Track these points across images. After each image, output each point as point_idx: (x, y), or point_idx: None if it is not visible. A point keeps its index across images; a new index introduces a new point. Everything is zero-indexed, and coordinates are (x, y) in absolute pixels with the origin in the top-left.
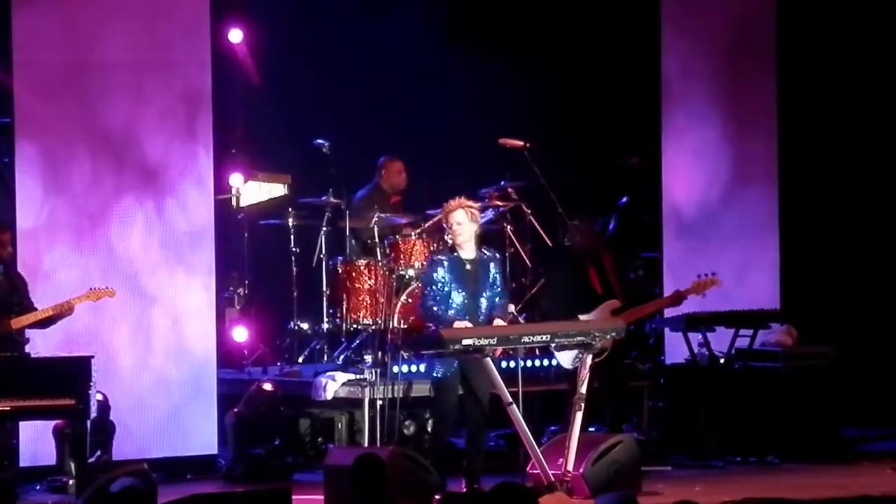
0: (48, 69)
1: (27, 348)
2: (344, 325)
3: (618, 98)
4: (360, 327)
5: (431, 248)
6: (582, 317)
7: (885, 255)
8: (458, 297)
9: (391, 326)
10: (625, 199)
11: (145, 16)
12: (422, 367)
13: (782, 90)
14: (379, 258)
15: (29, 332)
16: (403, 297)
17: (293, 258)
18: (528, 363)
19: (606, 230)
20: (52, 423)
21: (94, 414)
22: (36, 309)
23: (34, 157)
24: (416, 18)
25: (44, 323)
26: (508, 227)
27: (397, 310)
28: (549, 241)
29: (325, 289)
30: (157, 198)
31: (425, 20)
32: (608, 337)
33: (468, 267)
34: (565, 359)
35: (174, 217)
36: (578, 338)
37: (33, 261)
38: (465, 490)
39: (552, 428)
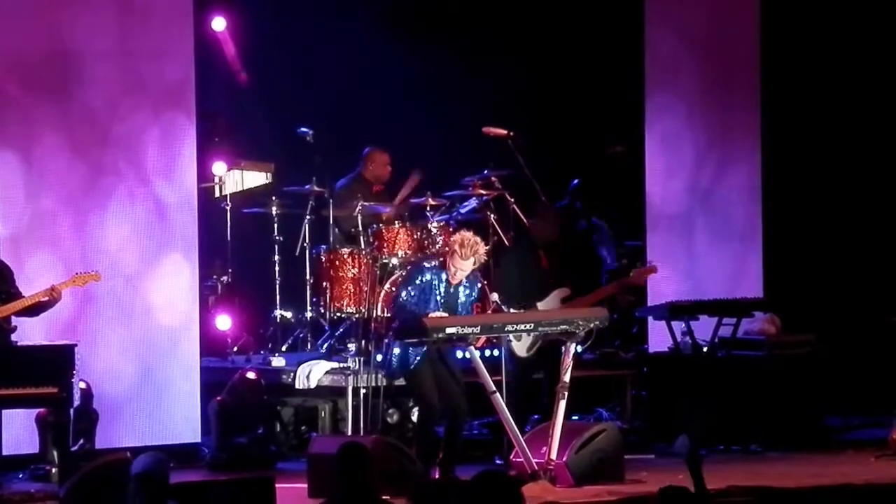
0: (30, 57)
1: (13, 336)
2: (327, 313)
3: (602, 87)
4: (343, 316)
5: (415, 237)
6: (539, 304)
7: (868, 244)
8: (433, 308)
9: (375, 315)
10: (576, 182)
11: (127, 3)
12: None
13: (766, 76)
14: (362, 247)
15: (15, 320)
16: (387, 286)
17: (276, 246)
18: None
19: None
20: (34, 412)
21: (76, 402)
22: (23, 296)
23: (13, 147)
24: (401, 6)
25: (32, 311)
26: (492, 215)
27: (381, 298)
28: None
29: (308, 277)
30: (139, 187)
31: (410, 7)
32: (591, 326)
33: (451, 289)
34: (519, 347)
35: (156, 206)
36: (562, 326)
37: (13, 254)
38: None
39: (535, 417)
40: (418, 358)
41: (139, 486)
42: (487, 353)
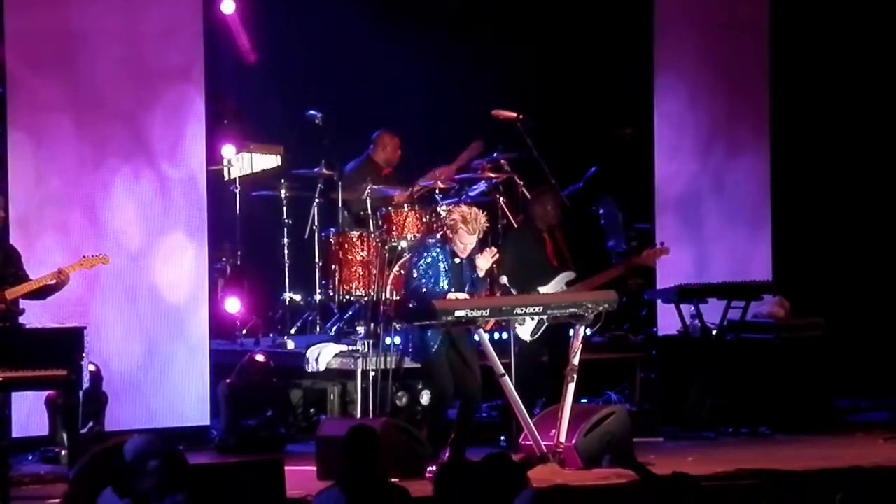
0: (39, 38)
1: (21, 319)
2: (336, 296)
3: (611, 69)
4: (352, 299)
5: (424, 220)
6: (541, 289)
7: (877, 226)
8: (443, 286)
9: (384, 298)
10: (593, 170)
11: None
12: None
13: (775, 60)
14: (371, 230)
15: (23, 303)
16: (396, 269)
17: (285, 229)
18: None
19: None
20: (44, 394)
21: (86, 385)
22: (30, 279)
23: (25, 128)
24: None
25: (40, 294)
26: (501, 198)
27: (390, 281)
28: None
29: (317, 260)
30: (148, 168)
31: None
32: (601, 309)
33: (457, 261)
34: (524, 331)
35: (166, 188)
36: (571, 309)
37: (24, 234)
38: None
39: (542, 399)
40: (437, 343)
41: (163, 464)
42: (496, 335)
